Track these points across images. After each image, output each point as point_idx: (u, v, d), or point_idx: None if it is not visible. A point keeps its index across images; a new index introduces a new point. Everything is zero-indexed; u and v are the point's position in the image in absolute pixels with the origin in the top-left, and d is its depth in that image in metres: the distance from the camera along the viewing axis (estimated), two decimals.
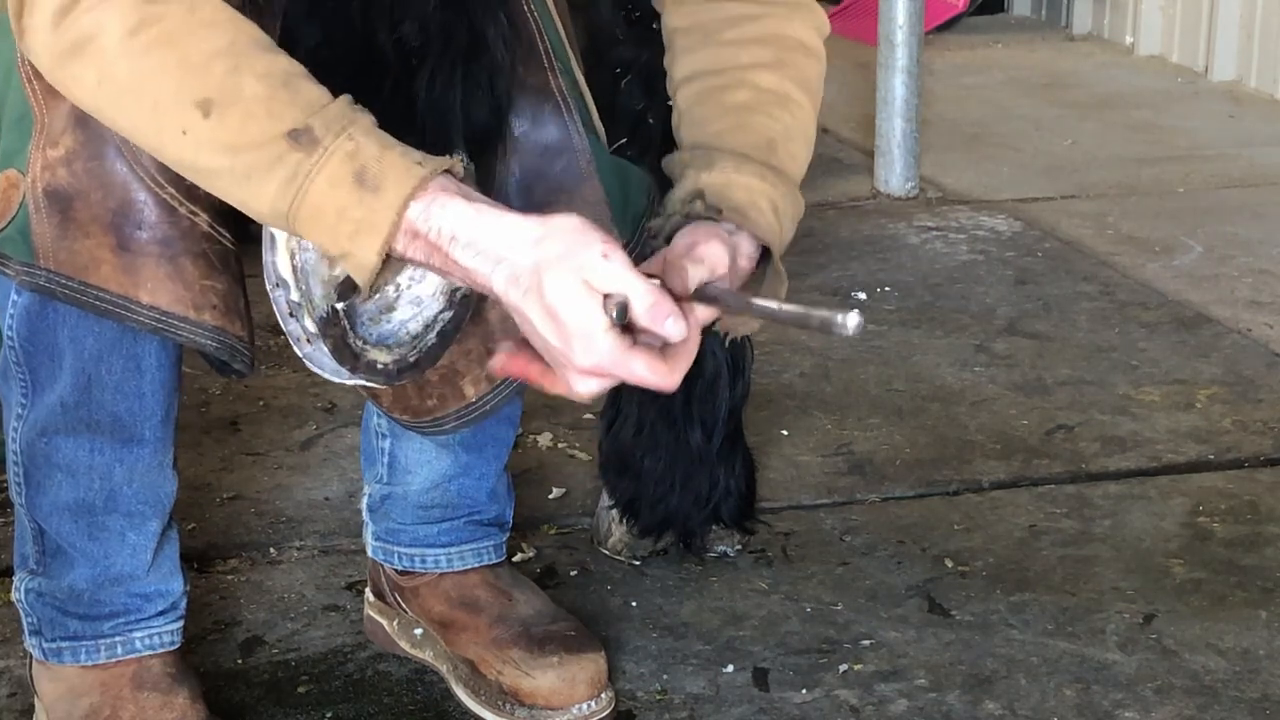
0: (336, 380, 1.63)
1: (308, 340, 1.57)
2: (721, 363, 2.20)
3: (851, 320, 1.34)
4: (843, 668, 2.04)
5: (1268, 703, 1.97)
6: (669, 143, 1.75)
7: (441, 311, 1.63)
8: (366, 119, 1.45)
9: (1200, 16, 5.09)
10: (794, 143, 1.73)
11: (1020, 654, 2.07)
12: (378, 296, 1.59)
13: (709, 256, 1.51)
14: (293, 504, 2.45)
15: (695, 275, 1.48)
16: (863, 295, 3.28)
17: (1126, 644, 2.09)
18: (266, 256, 1.54)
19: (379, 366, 1.59)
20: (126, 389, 1.72)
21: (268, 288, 1.55)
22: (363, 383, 1.63)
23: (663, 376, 1.40)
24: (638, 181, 1.79)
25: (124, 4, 1.43)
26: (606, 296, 1.38)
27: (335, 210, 1.42)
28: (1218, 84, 4.99)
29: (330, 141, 1.42)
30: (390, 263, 1.45)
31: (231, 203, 1.48)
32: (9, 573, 1.94)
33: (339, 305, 1.55)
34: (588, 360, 1.39)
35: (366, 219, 1.41)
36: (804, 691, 2.00)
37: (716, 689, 2.01)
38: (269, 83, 1.43)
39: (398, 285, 1.61)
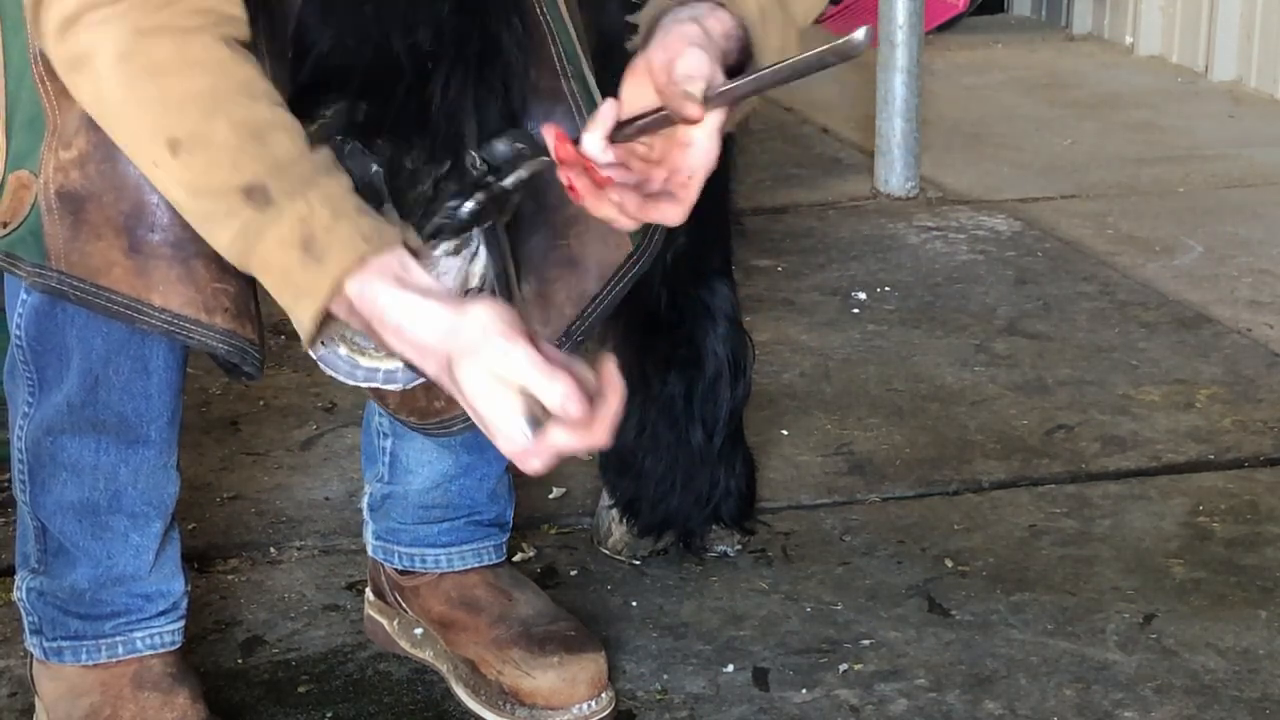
0: (350, 383, 1.63)
1: (321, 343, 1.58)
2: (723, 363, 2.20)
3: (860, 34, 1.35)
4: (843, 668, 2.04)
5: (1268, 702, 1.97)
6: None
7: None
8: (334, 183, 1.48)
9: (1200, 16, 5.08)
10: None
11: (1020, 654, 2.07)
12: None
13: (691, 68, 1.47)
14: (293, 504, 2.45)
15: (693, 92, 1.45)
16: (863, 295, 3.27)
17: (1126, 644, 2.09)
18: None
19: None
20: (133, 390, 1.72)
21: None
22: (377, 385, 1.63)
23: (585, 437, 1.40)
24: None
25: (119, 30, 1.46)
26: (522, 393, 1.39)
27: (280, 270, 1.47)
28: (1218, 84, 4.98)
29: (284, 203, 1.45)
30: (336, 322, 1.49)
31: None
32: (10, 572, 1.95)
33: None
34: (508, 449, 1.41)
35: (306, 285, 1.46)
36: (804, 691, 2.00)
37: (716, 689, 2.01)
38: (241, 132, 1.46)
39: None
